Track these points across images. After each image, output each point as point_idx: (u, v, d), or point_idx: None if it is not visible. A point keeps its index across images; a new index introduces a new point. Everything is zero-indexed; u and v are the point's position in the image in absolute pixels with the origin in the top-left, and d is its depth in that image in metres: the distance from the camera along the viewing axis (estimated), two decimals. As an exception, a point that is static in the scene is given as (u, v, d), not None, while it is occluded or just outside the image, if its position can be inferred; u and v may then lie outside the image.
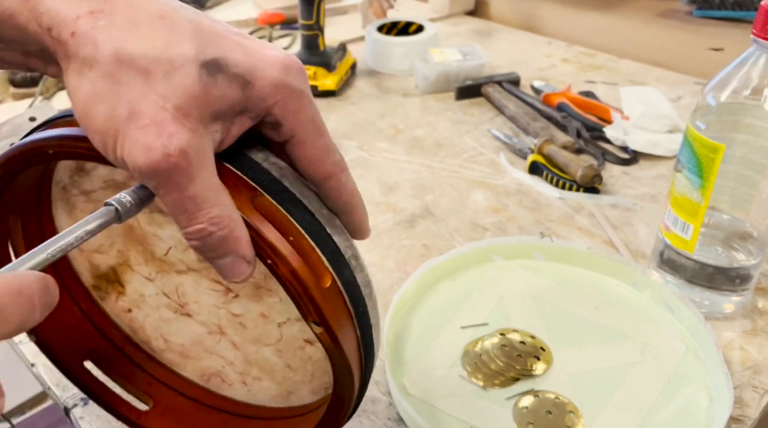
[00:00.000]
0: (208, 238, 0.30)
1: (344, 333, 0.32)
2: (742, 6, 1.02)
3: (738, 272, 0.54)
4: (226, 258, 0.30)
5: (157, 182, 0.29)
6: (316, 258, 0.32)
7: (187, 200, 0.29)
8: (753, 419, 0.47)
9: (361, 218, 0.36)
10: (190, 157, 0.28)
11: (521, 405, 0.47)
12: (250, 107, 0.31)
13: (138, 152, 0.28)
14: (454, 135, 0.85)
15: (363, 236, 0.37)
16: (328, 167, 0.33)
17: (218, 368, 0.43)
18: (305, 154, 0.33)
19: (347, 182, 0.35)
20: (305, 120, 0.32)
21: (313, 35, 0.92)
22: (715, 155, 0.49)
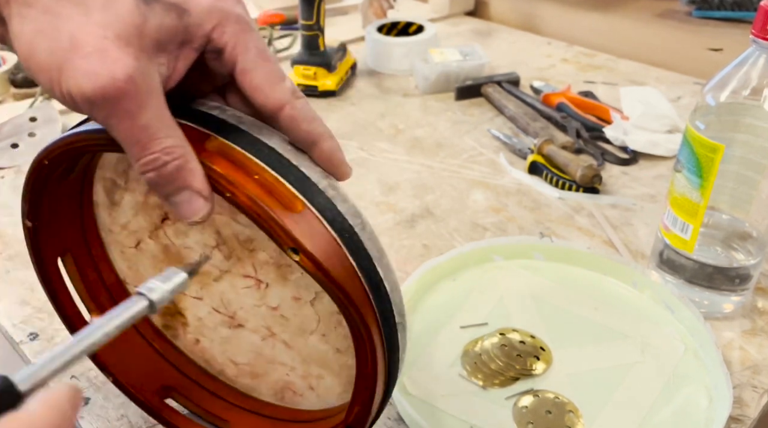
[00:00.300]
0: (163, 169, 0.30)
1: (331, 259, 0.31)
2: (741, 6, 1.02)
3: (737, 272, 0.54)
4: (183, 194, 0.31)
5: (108, 111, 0.29)
6: (281, 188, 0.31)
7: (138, 130, 0.29)
8: (752, 419, 0.47)
9: (331, 150, 0.34)
10: (138, 83, 0.28)
11: (521, 405, 0.47)
12: (189, 35, 0.31)
13: (84, 80, 0.28)
14: (454, 135, 0.85)
15: (341, 173, 0.35)
16: (278, 94, 0.33)
17: (285, 379, 0.43)
18: (252, 82, 0.32)
19: (304, 109, 0.33)
20: (246, 44, 0.32)
21: (313, 35, 0.92)
22: (714, 155, 0.50)
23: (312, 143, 0.34)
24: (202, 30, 0.31)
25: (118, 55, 0.28)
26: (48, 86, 0.29)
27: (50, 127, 0.82)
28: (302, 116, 0.33)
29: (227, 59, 0.32)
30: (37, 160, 0.36)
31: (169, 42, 0.30)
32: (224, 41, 0.32)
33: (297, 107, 0.33)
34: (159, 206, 0.40)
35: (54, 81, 0.29)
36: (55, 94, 0.29)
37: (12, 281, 0.60)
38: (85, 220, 0.43)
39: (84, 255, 0.44)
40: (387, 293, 0.34)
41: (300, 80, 0.94)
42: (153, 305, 0.29)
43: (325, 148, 0.34)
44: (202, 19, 0.31)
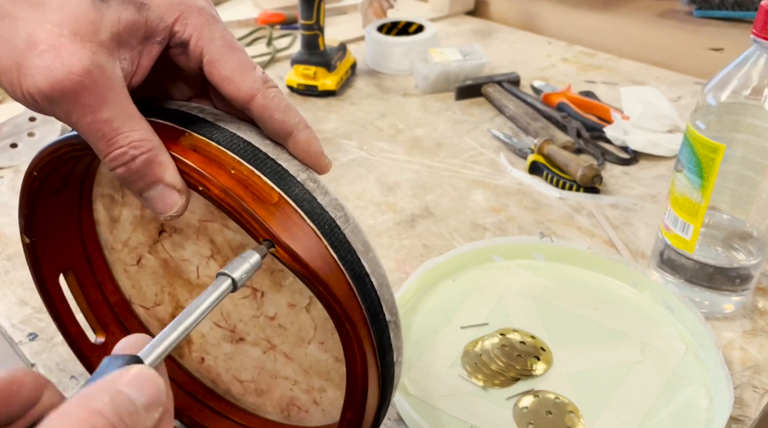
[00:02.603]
0: (132, 163, 0.29)
1: (310, 251, 0.30)
2: (742, 6, 1.02)
3: (738, 272, 0.54)
4: (156, 188, 0.30)
5: (68, 107, 0.28)
6: (256, 180, 0.31)
7: (102, 124, 0.29)
8: (753, 419, 0.47)
9: (308, 140, 0.33)
10: (95, 76, 0.28)
11: (521, 405, 0.47)
12: (150, 29, 0.30)
13: (39, 76, 0.28)
14: (454, 135, 0.85)
15: (320, 165, 0.34)
16: (248, 84, 0.32)
17: (289, 394, 0.42)
18: (221, 73, 0.32)
19: (276, 98, 0.32)
20: (211, 35, 0.31)
21: (313, 35, 0.92)
22: (715, 155, 0.49)
23: (287, 133, 0.33)
24: (163, 23, 0.31)
25: (74, 49, 0.28)
26: (10, 90, 0.29)
27: (49, 127, 0.82)
28: (275, 105, 0.32)
29: (192, 52, 0.32)
30: (27, 173, 0.36)
31: (129, 36, 0.30)
32: (188, 34, 0.31)
33: (269, 96, 0.32)
34: (155, 219, 0.40)
35: (15, 83, 0.28)
36: (17, 97, 0.29)
37: (11, 281, 0.60)
38: (87, 239, 0.43)
39: (87, 274, 0.44)
40: (374, 287, 0.33)
41: (300, 80, 0.94)
42: (235, 283, 0.29)
43: (301, 138, 0.33)
44: (163, 12, 0.31)
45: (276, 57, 1.06)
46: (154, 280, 0.43)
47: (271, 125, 0.32)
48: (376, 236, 0.66)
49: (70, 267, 0.43)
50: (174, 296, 0.43)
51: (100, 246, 0.44)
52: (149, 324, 0.46)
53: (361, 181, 0.75)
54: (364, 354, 0.32)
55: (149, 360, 0.24)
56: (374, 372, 0.33)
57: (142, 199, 0.31)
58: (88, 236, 0.43)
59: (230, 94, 0.32)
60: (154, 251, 0.41)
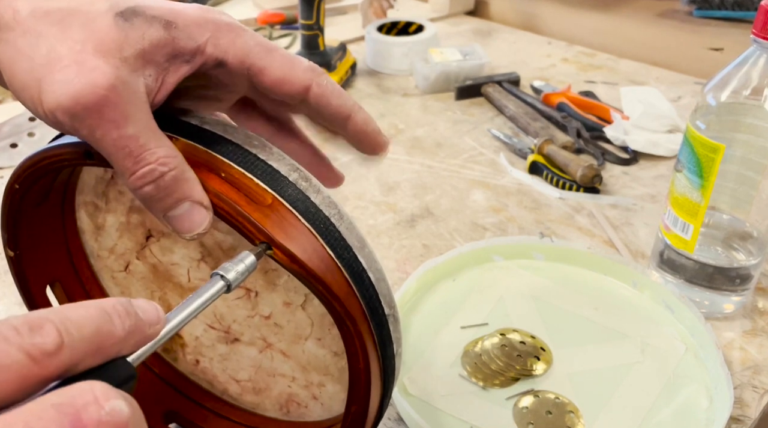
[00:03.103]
0: (161, 180, 0.29)
1: (307, 251, 0.30)
2: (742, 6, 1.02)
3: (738, 272, 0.54)
4: (182, 206, 0.29)
5: (91, 122, 0.28)
6: (248, 182, 0.30)
7: (128, 140, 0.28)
8: (753, 419, 0.47)
9: (366, 120, 0.33)
10: (120, 91, 0.28)
11: (521, 405, 0.47)
12: (179, 48, 0.30)
13: (62, 92, 0.27)
14: (454, 135, 0.85)
15: (379, 143, 0.34)
16: (300, 76, 0.32)
17: (288, 391, 0.42)
18: (271, 76, 0.31)
19: (329, 84, 0.32)
20: (247, 46, 0.31)
21: (313, 35, 0.92)
22: (715, 155, 0.49)
23: (345, 116, 0.33)
24: (193, 42, 0.30)
25: (97, 64, 0.28)
26: (31, 106, 0.29)
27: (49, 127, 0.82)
28: (330, 92, 0.32)
29: (235, 68, 0.31)
30: (8, 185, 0.35)
31: (154, 54, 0.29)
32: (224, 51, 0.31)
33: (323, 84, 0.32)
34: (141, 224, 0.40)
35: (35, 100, 0.28)
36: (39, 114, 0.29)
37: (11, 281, 0.60)
38: (72, 249, 0.43)
39: (74, 284, 0.43)
40: (372, 283, 0.33)
41: (300, 80, 0.94)
42: (229, 284, 0.29)
43: (359, 119, 0.33)
44: (191, 32, 0.30)
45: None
46: (144, 285, 0.43)
47: (329, 111, 0.32)
48: (376, 236, 0.66)
49: (57, 278, 0.43)
50: (165, 301, 0.42)
51: (85, 255, 0.43)
52: None
53: (361, 181, 0.75)
54: (366, 349, 0.32)
55: (133, 358, 0.24)
56: (376, 366, 0.33)
57: (167, 219, 0.30)
58: (73, 245, 0.43)
59: (287, 92, 0.32)
60: (142, 256, 0.41)
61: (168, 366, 0.46)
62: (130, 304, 0.24)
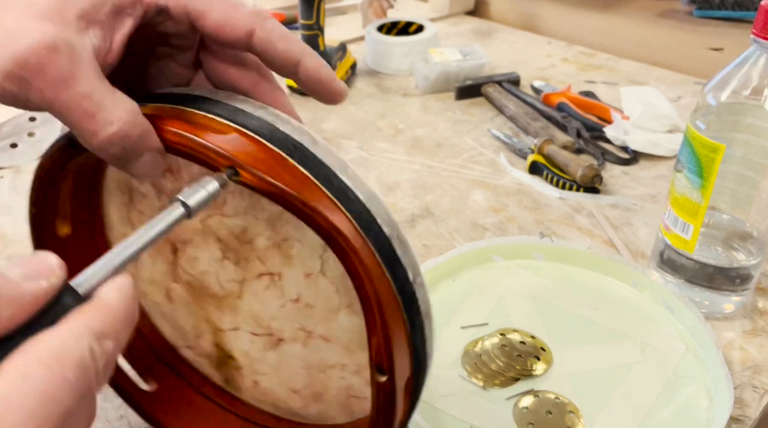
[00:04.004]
0: (127, 139, 0.28)
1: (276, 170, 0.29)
2: (742, 6, 1.02)
3: (738, 272, 0.54)
4: (143, 157, 0.29)
5: (39, 83, 0.27)
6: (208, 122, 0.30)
7: (81, 99, 0.28)
8: (753, 419, 0.47)
9: (317, 66, 0.32)
10: (62, 51, 0.27)
11: (521, 405, 0.47)
12: (118, 2, 0.29)
13: (5, 58, 0.27)
14: (454, 135, 0.85)
15: (334, 90, 0.33)
16: (243, 20, 0.31)
17: (343, 384, 0.40)
18: (213, 20, 0.30)
19: (276, 29, 0.31)
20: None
21: (313, 35, 0.92)
22: (715, 155, 0.49)
23: (294, 62, 0.32)
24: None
25: (37, 25, 0.27)
26: None
27: (49, 126, 0.82)
28: (276, 36, 0.31)
29: (176, 14, 0.30)
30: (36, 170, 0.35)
31: (96, 12, 0.29)
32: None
33: (267, 29, 0.31)
34: (165, 240, 0.39)
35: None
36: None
37: (11, 281, 0.60)
38: None
39: None
40: (360, 199, 0.30)
41: (300, 80, 0.94)
42: (189, 210, 0.28)
43: (310, 65, 0.32)
44: None
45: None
46: (188, 311, 0.42)
47: (277, 56, 0.31)
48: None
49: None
50: (209, 321, 0.41)
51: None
52: (199, 363, 0.45)
53: (361, 181, 0.75)
54: (367, 268, 0.29)
55: (83, 289, 0.24)
56: (386, 287, 0.30)
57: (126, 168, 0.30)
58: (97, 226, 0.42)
59: (228, 37, 0.31)
60: (177, 277, 0.40)
61: (235, 398, 0.45)
62: None
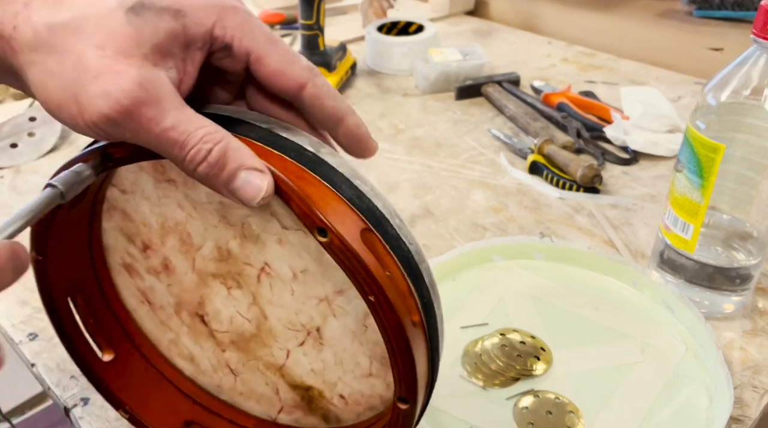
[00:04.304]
0: (209, 157, 0.29)
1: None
2: (742, 6, 1.02)
3: (738, 272, 0.54)
4: (240, 176, 0.30)
5: (133, 125, 0.29)
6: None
7: (171, 131, 0.29)
8: (753, 419, 0.47)
9: (357, 125, 0.34)
10: (149, 89, 0.28)
11: (521, 405, 0.47)
12: (191, 36, 0.31)
13: (99, 103, 0.28)
14: (454, 135, 0.85)
15: (368, 147, 0.35)
16: (297, 73, 0.32)
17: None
18: (269, 67, 0.32)
19: (325, 86, 0.33)
20: (252, 33, 0.32)
21: (313, 35, 0.92)
22: (715, 155, 0.49)
23: (338, 119, 0.33)
24: (202, 28, 0.31)
25: (121, 68, 0.28)
26: (72, 123, 0.29)
27: (49, 127, 0.82)
28: (325, 93, 0.33)
29: (237, 53, 0.32)
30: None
31: (170, 45, 0.30)
32: (229, 35, 0.31)
33: (318, 85, 0.33)
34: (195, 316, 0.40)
35: (76, 116, 0.29)
36: (79, 129, 0.29)
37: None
38: (96, 259, 0.43)
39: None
40: (346, 178, 0.32)
41: (300, 80, 0.94)
42: (63, 194, 0.30)
43: (351, 123, 0.34)
44: (200, 17, 0.31)
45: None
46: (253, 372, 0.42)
47: (323, 111, 0.33)
48: None
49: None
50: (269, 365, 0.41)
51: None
52: (301, 422, 0.44)
53: (361, 181, 0.75)
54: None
55: None
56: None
57: (230, 192, 0.30)
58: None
59: (281, 86, 0.32)
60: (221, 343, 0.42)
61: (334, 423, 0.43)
62: None
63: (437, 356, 0.35)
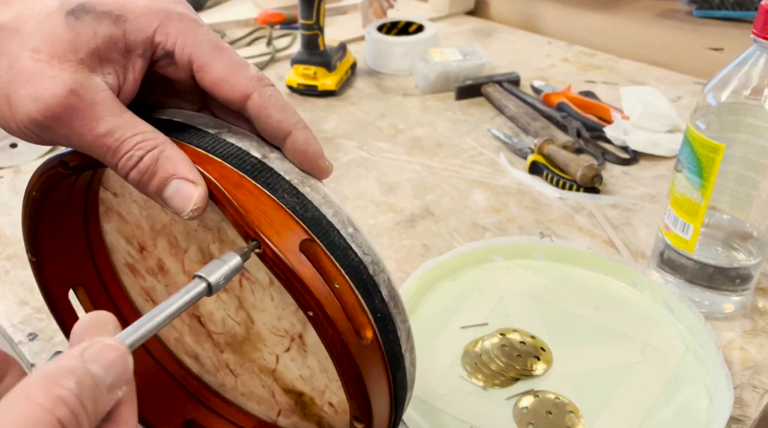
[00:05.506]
0: (141, 163, 0.29)
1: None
2: (742, 6, 1.02)
3: (738, 272, 0.54)
4: (171, 185, 0.29)
5: (64, 131, 0.28)
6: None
7: (104, 138, 0.28)
8: (753, 419, 0.47)
9: (307, 140, 0.31)
10: (83, 95, 0.28)
11: (521, 405, 0.47)
12: (131, 42, 0.30)
13: (29, 106, 0.28)
14: (454, 135, 0.85)
15: (319, 168, 0.32)
16: (243, 83, 0.30)
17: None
18: (212, 76, 0.30)
19: (273, 96, 0.31)
20: (196, 40, 0.30)
21: (313, 35, 0.92)
22: (715, 155, 0.49)
23: (285, 133, 0.31)
24: (142, 34, 0.30)
25: (54, 73, 0.28)
26: (5, 125, 0.29)
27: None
28: (272, 104, 0.31)
29: (180, 60, 0.30)
30: (26, 192, 0.35)
31: (109, 51, 0.29)
32: (171, 42, 0.30)
33: (265, 95, 0.31)
34: (193, 316, 0.40)
35: (8, 117, 0.28)
36: (15, 133, 0.29)
37: (11, 281, 0.60)
38: (96, 254, 0.43)
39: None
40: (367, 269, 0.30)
41: (300, 80, 0.94)
42: (210, 287, 0.28)
43: (299, 138, 0.31)
44: (141, 23, 0.30)
45: (276, 57, 1.06)
46: (251, 375, 0.42)
47: (268, 124, 0.31)
48: (376, 236, 0.66)
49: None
50: (263, 368, 0.41)
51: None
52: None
53: (361, 181, 0.75)
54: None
55: None
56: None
57: (163, 201, 0.30)
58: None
59: (225, 96, 0.31)
60: (218, 344, 0.42)
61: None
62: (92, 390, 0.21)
63: (401, 374, 0.33)
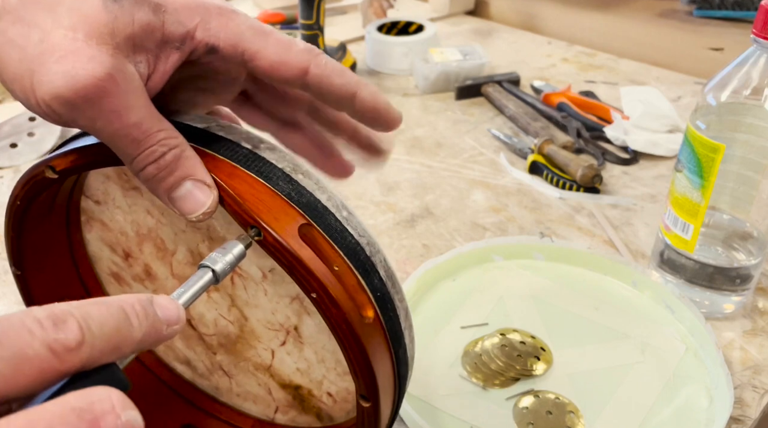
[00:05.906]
0: (162, 160, 0.29)
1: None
2: (742, 6, 1.02)
3: (738, 272, 0.54)
4: (184, 185, 0.29)
5: (93, 113, 0.27)
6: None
7: (131, 128, 0.28)
8: (753, 419, 0.47)
9: (373, 95, 0.32)
10: (118, 81, 0.27)
11: (521, 405, 0.47)
12: (168, 33, 0.29)
13: (59, 82, 0.27)
14: (454, 135, 0.85)
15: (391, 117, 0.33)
16: (297, 59, 0.30)
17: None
18: (266, 61, 0.30)
19: (330, 64, 0.31)
20: (239, 30, 0.30)
21: (313, 35, 0.92)
22: (715, 155, 0.49)
23: (351, 94, 0.31)
24: (182, 28, 0.29)
25: (92, 53, 0.27)
26: (22, 97, 0.28)
27: (49, 127, 0.82)
28: (331, 71, 0.31)
29: (226, 53, 0.30)
30: (9, 202, 0.35)
31: (144, 39, 0.29)
32: (215, 37, 0.30)
33: (321, 64, 0.31)
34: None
35: (27, 90, 0.28)
36: (30, 105, 0.28)
37: (11, 281, 0.60)
38: (80, 265, 0.43)
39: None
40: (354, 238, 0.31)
41: (300, 80, 0.94)
42: (217, 275, 0.28)
43: (366, 95, 0.32)
44: (180, 17, 0.29)
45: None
46: (246, 375, 0.42)
47: (332, 91, 0.31)
48: (377, 236, 0.66)
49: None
50: (258, 366, 0.41)
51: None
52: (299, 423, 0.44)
53: (361, 181, 0.75)
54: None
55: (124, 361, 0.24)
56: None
57: (171, 200, 0.30)
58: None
59: (283, 76, 0.30)
60: (211, 346, 0.42)
61: None
62: (150, 304, 0.24)
63: (402, 350, 0.33)
